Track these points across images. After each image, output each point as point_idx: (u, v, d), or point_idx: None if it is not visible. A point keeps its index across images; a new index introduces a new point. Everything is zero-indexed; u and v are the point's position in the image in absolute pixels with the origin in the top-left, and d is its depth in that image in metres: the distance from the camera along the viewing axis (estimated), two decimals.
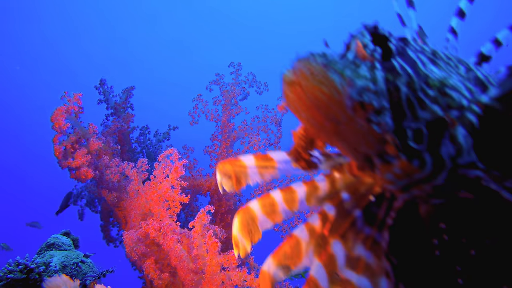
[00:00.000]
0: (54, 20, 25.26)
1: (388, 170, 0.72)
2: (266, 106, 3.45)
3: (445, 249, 0.78)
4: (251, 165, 0.93)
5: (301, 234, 0.91)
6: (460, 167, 0.71)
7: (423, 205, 0.81)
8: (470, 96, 0.71)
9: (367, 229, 0.88)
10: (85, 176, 2.44)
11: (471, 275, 0.75)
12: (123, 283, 3.60)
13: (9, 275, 2.02)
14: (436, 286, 0.80)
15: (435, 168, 0.70)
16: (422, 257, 0.82)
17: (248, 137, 3.37)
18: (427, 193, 0.76)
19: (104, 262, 2.66)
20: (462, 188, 0.73)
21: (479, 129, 0.69)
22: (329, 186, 0.91)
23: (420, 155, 0.69)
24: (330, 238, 0.90)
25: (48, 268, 2.26)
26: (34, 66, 25.76)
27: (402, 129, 0.67)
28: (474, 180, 0.71)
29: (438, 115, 0.67)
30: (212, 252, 1.82)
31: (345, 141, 0.70)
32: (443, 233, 0.78)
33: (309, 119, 0.66)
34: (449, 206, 0.77)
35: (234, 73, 3.50)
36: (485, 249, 0.74)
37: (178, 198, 2.17)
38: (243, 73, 3.53)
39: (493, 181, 0.70)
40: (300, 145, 0.75)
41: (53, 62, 25.86)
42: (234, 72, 3.50)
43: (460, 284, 0.75)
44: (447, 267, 0.78)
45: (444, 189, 0.74)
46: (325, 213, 0.91)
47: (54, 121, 2.32)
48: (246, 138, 3.38)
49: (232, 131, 3.43)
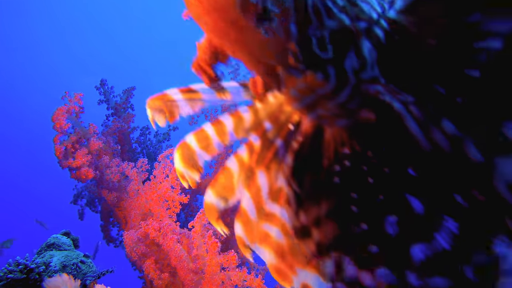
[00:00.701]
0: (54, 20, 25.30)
1: (293, 85, 0.70)
2: None
3: (346, 176, 0.77)
4: (179, 98, 0.92)
5: (232, 165, 0.91)
6: (363, 82, 0.69)
7: (328, 129, 0.79)
8: (381, 11, 0.69)
9: (287, 158, 0.87)
10: (86, 176, 2.44)
11: (366, 202, 0.74)
12: (123, 283, 3.60)
13: (9, 275, 2.02)
14: (332, 213, 0.78)
15: (338, 83, 0.69)
16: (322, 184, 0.80)
17: None
18: (332, 113, 0.75)
19: (104, 262, 2.66)
20: (364, 106, 0.72)
21: (385, 44, 0.68)
22: (253, 117, 0.90)
23: (323, 67, 0.67)
24: (256, 169, 0.90)
25: (48, 268, 2.26)
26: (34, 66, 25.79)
27: (307, 37, 0.64)
28: (374, 96, 0.70)
29: (345, 24, 0.65)
30: (212, 252, 1.83)
31: (248, 50, 0.67)
32: (345, 159, 0.77)
33: (209, 24, 0.64)
34: (352, 130, 0.76)
35: (232, 73, 3.52)
36: (381, 177, 0.72)
37: (178, 198, 2.17)
38: (242, 73, 3.55)
39: (389, 94, 0.69)
40: (203, 58, 0.72)
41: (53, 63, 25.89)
42: (232, 72, 3.52)
43: (354, 212, 0.74)
44: (344, 194, 0.76)
45: (347, 107, 0.73)
46: (251, 144, 0.91)
47: (55, 121, 2.32)
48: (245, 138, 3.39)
49: None
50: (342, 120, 0.76)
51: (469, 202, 0.64)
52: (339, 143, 0.78)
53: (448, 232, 0.66)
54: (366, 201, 0.74)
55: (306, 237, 0.82)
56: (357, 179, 0.75)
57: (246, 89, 0.90)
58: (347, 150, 0.77)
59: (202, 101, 0.93)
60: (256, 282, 1.80)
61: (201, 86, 0.92)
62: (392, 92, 0.69)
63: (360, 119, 0.74)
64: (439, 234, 0.66)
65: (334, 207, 0.78)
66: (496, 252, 0.63)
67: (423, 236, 0.67)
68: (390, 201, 0.71)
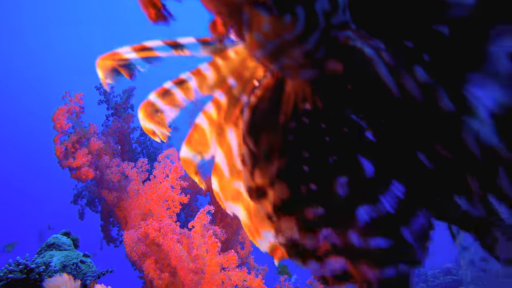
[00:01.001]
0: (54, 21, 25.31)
1: (257, 27, 0.64)
2: None
3: (301, 134, 0.73)
4: (133, 57, 0.87)
5: (202, 122, 0.90)
6: (332, 28, 0.64)
7: (290, 82, 0.74)
8: None
9: (245, 114, 0.83)
10: (86, 176, 2.44)
11: (318, 162, 0.70)
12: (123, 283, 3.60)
13: (9, 275, 2.02)
14: (283, 173, 0.74)
15: (307, 26, 0.63)
16: (276, 142, 0.76)
17: None
18: (296, 62, 0.69)
19: (104, 262, 2.67)
20: (331, 56, 0.67)
21: None
22: (215, 74, 0.87)
23: (292, 7, 0.62)
24: (225, 126, 0.88)
25: (48, 268, 2.27)
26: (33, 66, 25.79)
27: None
28: (343, 43, 0.65)
29: None
30: (212, 252, 1.83)
31: None
32: (304, 115, 0.72)
33: None
34: (316, 83, 0.71)
35: None
36: (339, 136, 0.69)
37: (177, 198, 2.17)
38: None
39: (359, 39, 0.64)
40: None
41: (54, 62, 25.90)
42: None
43: (305, 171, 0.71)
44: (297, 153, 0.73)
45: (313, 56, 0.67)
46: (218, 101, 0.89)
47: (55, 120, 2.32)
48: None
49: None
50: (307, 71, 0.71)
51: (432, 159, 0.63)
52: (300, 98, 0.74)
53: (393, 196, 0.65)
54: (319, 161, 0.71)
55: (262, 198, 0.79)
56: (313, 137, 0.72)
57: (205, 45, 0.86)
58: (308, 106, 0.72)
59: (158, 58, 0.89)
60: (256, 282, 1.80)
61: (156, 43, 0.88)
62: (363, 38, 0.65)
63: (327, 71, 0.69)
64: (384, 197, 0.65)
65: (285, 166, 0.75)
66: None
67: (369, 198, 0.66)
68: (344, 162, 0.69)
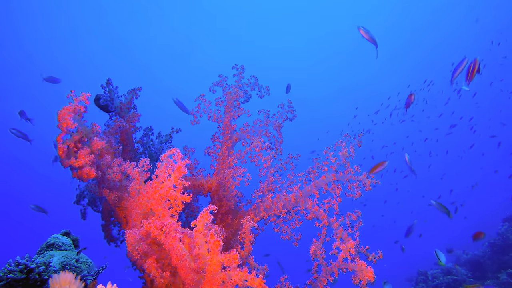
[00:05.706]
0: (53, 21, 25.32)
1: None
2: (268, 111, 3.50)
3: None
4: None
5: None
6: None
7: None
8: None
9: None
10: (88, 175, 2.44)
11: None
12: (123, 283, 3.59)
13: (9, 275, 2.02)
14: None
15: None
16: None
17: (250, 139, 3.39)
18: None
19: (104, 262, 2.66)
20: None
21: None
22: None
23: None
24: None
25: (48, 268, 2.26)
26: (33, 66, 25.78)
27: None
28: None
29: None
30: (214, 251, 1.82)
31: None
32: None
33: None
34: None
35: (237, 75, 3.54)
36: None
37: (180, 198, 2.16)
38: (246, 75, 3.57)
39: None
40: None
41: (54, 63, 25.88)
42: (237, 74, 3.54)
43: None
44: None
45: None
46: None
47: (61, 120, 2.31)
48: (248, 140, 3.41)
49: (233, 132, 3.45)
50: None
51: None
52: None
53: None
54: None
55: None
56: None
57: None
58: None
59: None
60: (257, 282, 1.80)
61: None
62: None
63: None
64: None
65: None
66: None
67: None
68: None
